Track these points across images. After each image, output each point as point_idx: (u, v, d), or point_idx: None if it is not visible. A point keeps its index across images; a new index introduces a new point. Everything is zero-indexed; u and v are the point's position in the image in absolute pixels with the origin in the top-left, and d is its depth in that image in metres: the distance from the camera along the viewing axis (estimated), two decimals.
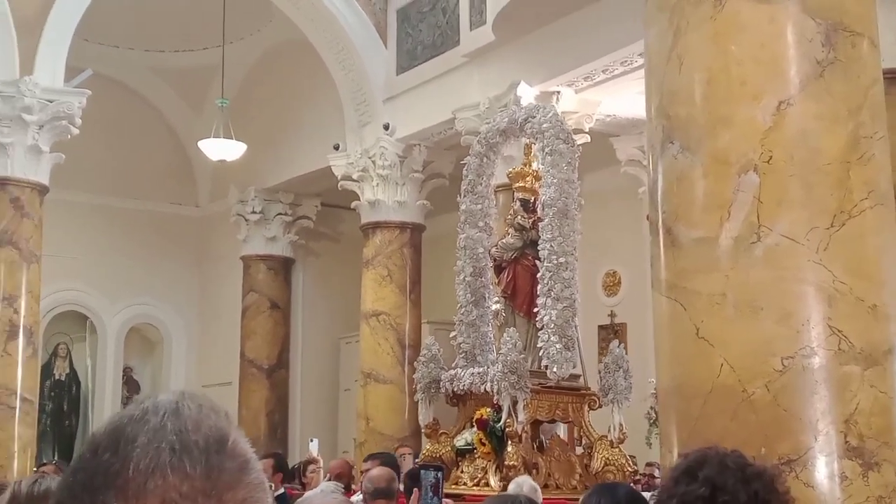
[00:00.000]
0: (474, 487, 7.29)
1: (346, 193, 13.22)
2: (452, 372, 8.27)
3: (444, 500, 5.60)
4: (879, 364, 3.71)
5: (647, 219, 12.25)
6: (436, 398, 8.38)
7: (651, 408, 11.07)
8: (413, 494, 5.87)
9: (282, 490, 7.81)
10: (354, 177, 12.89)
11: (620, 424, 7.94)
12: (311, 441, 10.13)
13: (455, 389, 8.15)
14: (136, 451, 0.93)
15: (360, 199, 12.95)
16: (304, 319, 15.65)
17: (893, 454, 3.69)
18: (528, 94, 10.92)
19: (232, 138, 12.52)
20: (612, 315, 13.60)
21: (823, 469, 3.56)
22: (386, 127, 12.48)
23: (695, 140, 3.86)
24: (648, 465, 10.84)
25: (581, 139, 11.51)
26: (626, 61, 10.26)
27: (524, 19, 10.55)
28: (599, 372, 8.19)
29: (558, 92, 11.01)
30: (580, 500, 3.65)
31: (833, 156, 3.77)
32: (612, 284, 13.77)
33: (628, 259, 13.34)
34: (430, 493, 5.49)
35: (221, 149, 12.58)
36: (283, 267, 15.46)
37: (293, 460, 13.10)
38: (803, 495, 3.34)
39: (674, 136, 3.93)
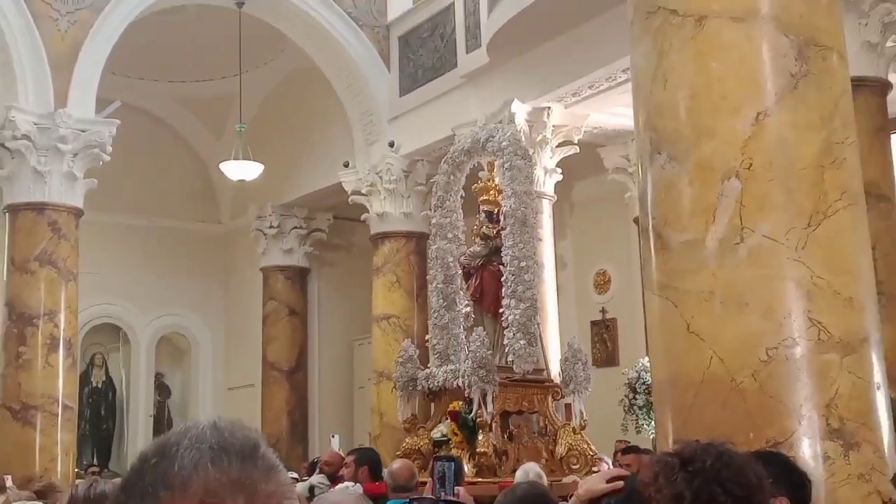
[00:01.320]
0: None
1: (356, 207, 13.21)
2: (428, 370, 8.31)
3: (458, 487, 5.57)
4: (856, 352, 3.70)
5: (634, 222, 12.27)
6: (414, 395, 8.40)
7: (625, 396, 11.04)
8: (427, 484, 5.87)
9: None
10: (363, 191, 12.89)
11: (581, 412, 7.94)
12: (333, 437, 10.13)
13: (430, 386, 8.20)
14: (181, 451, 0.96)
15: (369, 212, 12.95)
16: (320, 324, 15.64)
17: (872, 435, 3.67)
18: (521, 110, 10.93)
19: (250, 159, 12.51)
20: (603, 311, 13.57)
21: (808, 450, 3.55)
22: (391, 145, 12.49)
23: (681, 151, 3.85)
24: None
25: (570, 150, 11.55)
26: (610, 77, 10.26)
27: (516, 42, 10.57)
28: (560, 365, 8.19)
29: (549, 107, 11.00)
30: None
31: (808, 161, 3.76)
32: (602, 283, 13.73)
33: (617, 259, 13.34)
34: (438, 484, 5.49)
35: (240, 169, 12.59)
36: (299, 276, 15.44)
37: (313, 454, 13.11)
38: None
39: (661, 147, 3.92)
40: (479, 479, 7.20)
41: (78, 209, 10.82)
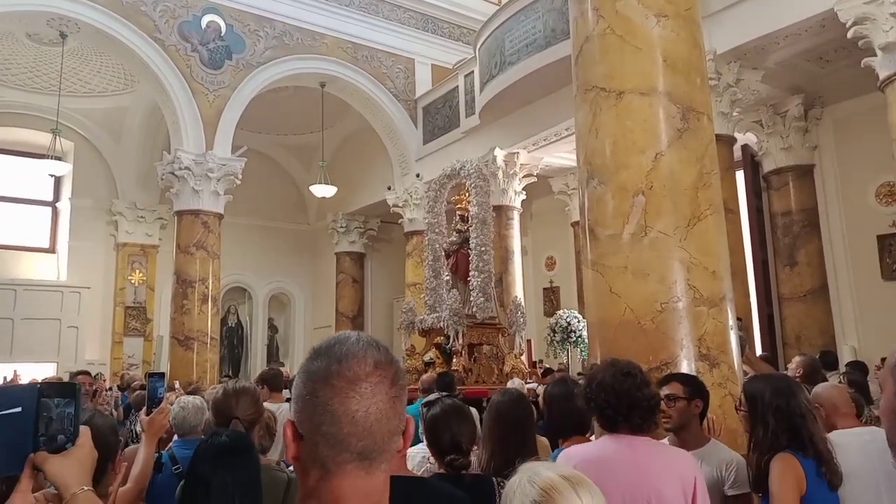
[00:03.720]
0: None
1: (395, 214, 13.17)
2: (421, 316, 8.21)
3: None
4: (717, 305, 3.65)
5: (571, 226, 12.03)
6: (412, 332, 8.22)
7: (548, 334, 10.97)
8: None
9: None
10: (400, 205, 12.84)
11: (519, 344, 7.87)
12: None
13: (423, 327, 8.12)
14: (352, 341, 0.93)
15: (403, 218, 12.89)
16: (372, 288, 15.58)
17: (726, 357, 3.63)
18: (500, 154, 10.86)
19: (328, 184, 12.46)
20: (550, 282, 13.54)
21: (686, 368, 3.50)
22: (417, 176, 12.42)
23: (606, 177, 3.81)
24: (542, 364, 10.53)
25: (531, 180, 11.50)
26: (556, 134, 10.21)
27: (497, 111, 10.53)
28: (507, 313, 7.99)
29: (518, 152, 10.94)
30: (546, 389, 3.56)
31: (688, 184, 3.71)
32: (550, 264, 13.68)
33: (560, 249, 13.28)
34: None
35: (322, 190, 12.53)
36: (359, 258, 15.37)
37: None
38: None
39: (594, 175, 3.87)
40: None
41: (220, 214, 10.77)
